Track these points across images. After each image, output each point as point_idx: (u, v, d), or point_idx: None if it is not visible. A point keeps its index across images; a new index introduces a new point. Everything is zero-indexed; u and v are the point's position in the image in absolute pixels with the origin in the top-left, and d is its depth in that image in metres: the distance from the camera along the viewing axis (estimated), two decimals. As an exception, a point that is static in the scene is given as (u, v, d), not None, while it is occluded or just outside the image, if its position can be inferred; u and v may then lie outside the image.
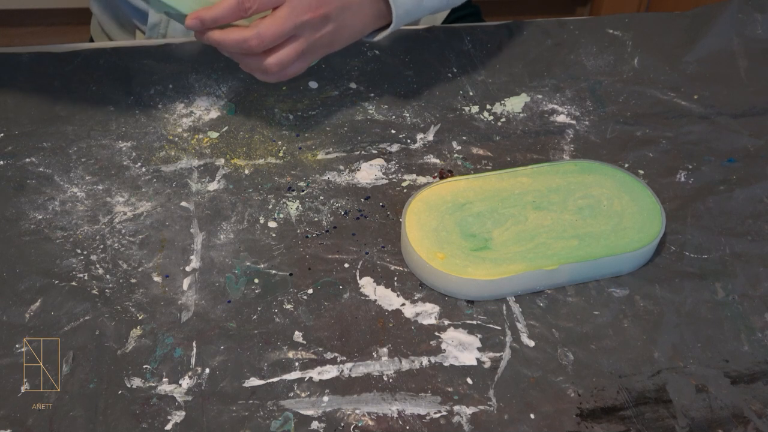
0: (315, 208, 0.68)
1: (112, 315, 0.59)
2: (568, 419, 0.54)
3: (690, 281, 0.62)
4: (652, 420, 0.54)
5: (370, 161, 0.72)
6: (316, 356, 0.57)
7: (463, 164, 0.73)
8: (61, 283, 0.60)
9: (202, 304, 0.60)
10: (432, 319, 0.60)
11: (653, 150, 0.74)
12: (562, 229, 0.63)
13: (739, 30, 0.87)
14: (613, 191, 0.66)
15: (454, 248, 0.61)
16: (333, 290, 0.61)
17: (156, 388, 0.55)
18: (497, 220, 0.63)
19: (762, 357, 0.58)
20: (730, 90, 0.82)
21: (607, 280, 0.62)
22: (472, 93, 0.81)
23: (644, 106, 0.80)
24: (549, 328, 0.59)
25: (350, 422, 0.53)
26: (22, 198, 0.67)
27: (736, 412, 0.54)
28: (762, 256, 0.65)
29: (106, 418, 0.53)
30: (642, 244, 0.62)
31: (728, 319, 0.60)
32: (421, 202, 0.65)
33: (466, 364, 0.57)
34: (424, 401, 0.54)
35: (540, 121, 0.78)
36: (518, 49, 0.86)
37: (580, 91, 0.81)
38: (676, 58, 0.85)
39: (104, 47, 0.82)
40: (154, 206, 0.67)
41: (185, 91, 0.78)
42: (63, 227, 0.65)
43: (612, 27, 0.89)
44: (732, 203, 0.69)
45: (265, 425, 0.53)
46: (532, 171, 0.68)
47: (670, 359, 0.57)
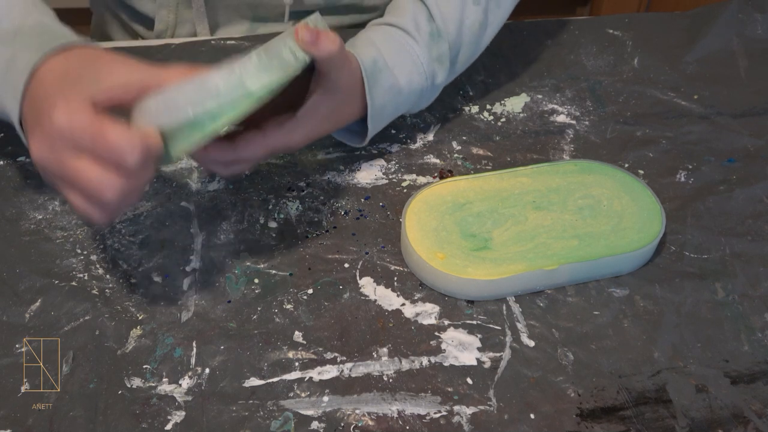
0: (315, 208, 0.68)
1: (112, 315, 0.59)
2: (568, 419, 0.54)
3: (690, 281, 0.62)
4: (652, 420, 0.54)
5: (370, 161, 0.72)
6: (316, 356, 0.57)
7: (463, 164, 0.73)
8: (61, 283, 0.60)
9: (202, 304, 0.60)
10: (432, 319, 0.60)
11: (653, 150, 0.74)
12: (562, 229, 0.63)
13: (739, 30, 0.87)
14: (613, 191, 0.66)
15: (454, 248, 0.61)
16: (333, 290, 0.61)
17: (156, 388, 0.55)
18: (497, 220, 0.63)
19: (762, 357, 0.58)
20: (730, 90, 0.82)
21: (607, 280, 0.62)
22: (472, 93, 0.81)
23: (644, 106, 0.80)
24: (549, 328, 0.59)
25: (350, 422, 0.53)
26: (22, 198, 0.67)
27: (736, 412, 0.54)
28: (762, 256, 0.65)
29: (106, 418, 0.53)
30: (642, 244, 0.62)
31: (728, 319, 0.60)
32: (421, 202, 0.65)
33: (466, 364, 0.57)
34: (424, 401, 0.54)
35: (540, 121, 0.78)
36: (518, 49, 0.86)
37: (580, 91, 0.81)
38: (676, 58, 0.85)
39: (104, 47, 0.82)
40: (154, 206, 0.67)
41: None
42: (63, 227, 0.65)
43: (612, 27, 0.89)
44: (732, 203, 0.69)
45: (265, 425, 0.53)
46: (532, 171, 0.68)
47: (670, 359, 0.57)
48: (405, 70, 0.67)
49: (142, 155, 0.48)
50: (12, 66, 0.53)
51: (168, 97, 0.51)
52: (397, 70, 0.66)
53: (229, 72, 0.52)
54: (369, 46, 0.66)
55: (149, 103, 0.52)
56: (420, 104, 0.72)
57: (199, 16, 0.84)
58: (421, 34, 0.68)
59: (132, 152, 0.48)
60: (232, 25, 0.87)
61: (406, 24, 0.67)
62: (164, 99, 0.51)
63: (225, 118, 0.52)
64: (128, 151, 0.48)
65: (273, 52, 0.54)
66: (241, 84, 0.52)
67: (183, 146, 0.52)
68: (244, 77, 0.52)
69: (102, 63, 0.52)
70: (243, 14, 0.86)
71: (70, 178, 0.50)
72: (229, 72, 0.52)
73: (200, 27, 0.85)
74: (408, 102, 0.69)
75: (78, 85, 0.50)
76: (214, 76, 0.52)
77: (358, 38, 0.68)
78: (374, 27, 0.69)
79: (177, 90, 0.51)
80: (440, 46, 0.69)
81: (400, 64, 0.66)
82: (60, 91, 0.50)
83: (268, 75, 0.53)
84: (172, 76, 0.52)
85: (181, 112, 0.51)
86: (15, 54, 0.54)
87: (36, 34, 0.55)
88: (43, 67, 0.52)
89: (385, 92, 0.66)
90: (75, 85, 0.50)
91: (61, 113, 0.48)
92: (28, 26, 0.55)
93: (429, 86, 0.70)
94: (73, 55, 0.53)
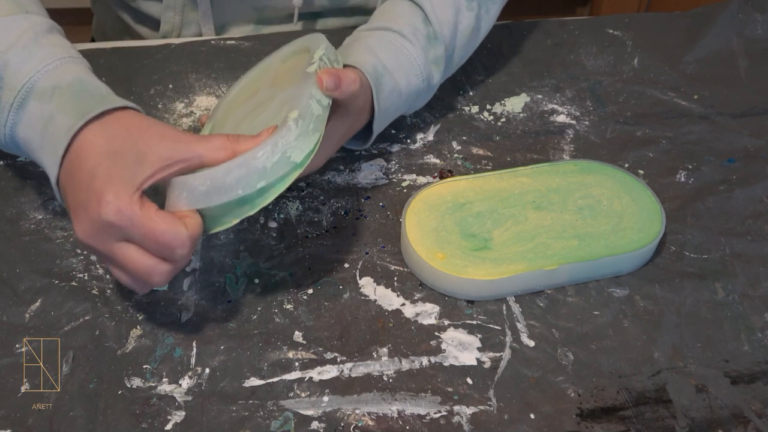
0: (315, 208, 0.68)
1: (112, 315, 0.59)
2: (568, 419, 0.54)
3: (690, 281, 0.62)
4: (652, 420, 0.54)
5: (370, 161, 0.72)
6: (316, 356, 0.57)
7: (463, 164, 0.73)
8: (61, 283, 0.60)
9: (202, 304, 0.60)
10: (432, 319, 0.60)
11: (653, 150, 0.74)
12: (562, 229, 0.63)
13: (739, 30, 0.87)
14: (613, 191, 0.66)
15: (454, 248, 0.61)
16: (333, 290, 0.61)
17: (156, 388, 0.55)
18: (497, 220, 0.63)
19: (762, 357, 0.58)
20: (730, 90, 0.82)
21: (607, 280, 0.62)
22: (472, 93, 0.81)
23: (644, 106, 0.80)
24: (549, 328, 0.59)
25: (350, 422, 0.53)
26: (22, 198, 0.67)
27: (736, 412, 0.54)
28: (762, 256, 0.65)
29: (106, 418, 0.53)
30: (642, 244, 0.62)
31: (728, 319, 0.60)
32: (421, 202, 0.65)
33: (466, 364, 0.57)
34: (424, 401, 0.54)
35: (540, 121, 0.78)
36: (518, 49, 0.86)
37: (580, 91, 0.81)
38: (676, 58, 0.85)
39: (104, 47, 0.82)
40: (154, 206, 0.67)
41: (185, 91, 0.78)
42: (63, 227, 0.65)
43: (612, 27, 0.89)
44: (732, 203, 0.69)
45: (265, 425, 0.53)
46: (532, 171, 0.68)
47: (670, 359, 0.57)
48: (403, 72, 0.67)
49: (191, 247, 0.51)
50: (51, 126, 0.54)
51: (216, 178, 0.52)
52: (396, 73, 0.67)
53: (272, 148, 0.52)
54: (368, 53, 0.66)
55: (194, 183, 0.52)
56: (417, 105, 0.73)
57: (205, 17, 0.84)
58: (418, 37, 0.68)
59: (182, 247, 0.50)
60: (237, 26, 0.87)
61: (403, 28, 0.68)
62: (212, 180, 0.52)
63: (274, 192, 0.53)
64: (178, 246, 0.50)
65: (305, 111, 0.54)
66: (286, 159, 0.53)
67: (229, 222, 0.54)
68: (288, 151, 0.53)
69: (143, 138, 0.52)
70: (249, 16, 0.86)
71: (118, 263, 0.52)
72: (272, 148, 0.52)
73: (206, 28, 0.85)
74: (407, 104, 0.70)
75: (122, 167, 0.51)
76: (259, 154, 0.52)
77: (354, 46, 0.68)
78: (369, 32, 0.69)
79: (224, 172, 0.52)
80: (437, 48, 0.70)
81: (398, 67, 0.67)
82: (105, 174, 0.50)
83: (307, 141, 0.54)
84: (212, 152, 0.52)
85: (231, 192, 0.52)
86: (53, 115, 0.54)
87: (74, 92, 0.55)
88: (82, 137, 0.53)
89: (387, 96, 0.66)
90: (119, 169, 0.51)
91: (110, 208, 0.49)
92: (66, 83, 0.55)
93: (425, 87, 0.70)
94: (113, 126, 0.53)
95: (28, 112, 0.55)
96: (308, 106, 0.54)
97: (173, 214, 0.51)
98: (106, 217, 0.49)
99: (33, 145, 0.56)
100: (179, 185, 0.52)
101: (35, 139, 0.55)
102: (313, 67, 0.57)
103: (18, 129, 0.56)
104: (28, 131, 0.56)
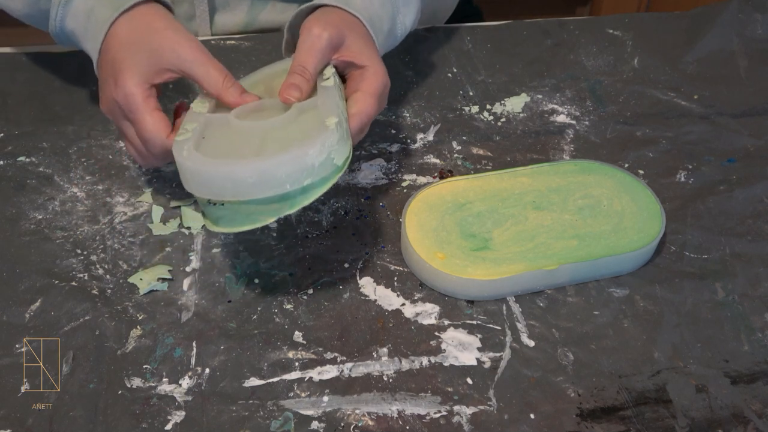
0: (315, 208, 0.68)
1: (112, 315, 0.59)
2: (568, 419, 0.54)
3: (690, 281, 0.62)
4: (652, 420, 0.54)
5: (370, 161, 0.72)
6: (316, 356, 0.57)
7: (463, 164, 0.73)
8: (61, 283, 0.60)
9: (202, 304, 0.60)
10: (432, 319, 0.60)
11: (653, 150, 0.74)
12: (562, 229, 0.63)
13: (739, 30, 0.87)
14: (613, 191, 0.66)
15: (454, 248, 0.61)
16: (333, 290, 0.61)
17: (156, 388, 0.55)
18: (497, 220, 0.63)
19: (762, 357, 0.58)
20: (730, 90, 0.82)
21: (607, 280, 0.62)
22: (472, 93, 0.81)
23: (644, 106, 0.80)
24: (549, 328, 0.59)
25: (350, 422, 0.53)
26: (22, 198, 0.67)
27: (736, 412, 0.54)
28: (762, 256, 0.65)
29: (106, 418, 0.53)
30: (642, 244, 0.62)
31: (728, 319, 0.60)
32: (421, 202, 0.65)
33: (466, 364, 0.57)
34: (424, 401, 0.54)
35: (540, 121, 0.78)
36: (518, 49, 0.86)
37: (580, 91, 0.81)
38: (676, 58, 0.85)
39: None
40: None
41: (185, 90, 0.78)
42: (63, 227, 0.65)
43: (612, 27, 0.89)
44: (732, 203, 0.69)
45: (265, 425, 0.53)
46: (532, 171, 0.68)
47: (670, 359, 0.57)
48: None
49: (162, 155, 0.60)
50: (92, 17, 0.62)
51: (265, 171, 0.51)
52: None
53: (320, 147, 0.53)
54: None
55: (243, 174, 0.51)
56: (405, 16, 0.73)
57: None
58: None
59: (154, 147, 0.59)
60: (231, 6, 0.86)
61: None
62: (260, 173, 0.51)
63: (316, 192, 0.54)
64: (152, 146, 0.59)
65: (342, 118, 0.55)
66: (330, 160, 0.53)
67: (265, 219, 0.54)
68: (332, 153, 0.53)
69: (157, 39, 0.59)
70: None
71: (120, 133, 0.63)
72: (320, 147, 0.53)
73: (200, 9, 0.84)
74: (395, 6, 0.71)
75: (137, 59, 0.59)
76: (310, 151, 0.52)
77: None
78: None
79: (275, 165, 0.51)
80: None
81: None
82: (123, 60, 0.59)
83: (346, 146, 0.55)
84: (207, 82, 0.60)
85: (278, 187, 0.52)
86: (94, 7, 0.62)
87: None
88: (113, 28, 0.60)
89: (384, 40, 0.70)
90: (134, 60, 0.59)
91: (120, 91, 0.58)
92: None
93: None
94: (137, 19, 0.60)
95: (74, 6, 0.64)
96: (342, 114, 0.56)
97: (166, 121, 0.59)
98: (116, 97, 0.59)
99: (78, 35, 0.65)
100: (225, 176, 0.52)
101: (79, 30, 0.64)
102: (329, 81, 0.60)
103: (66, 21, 0.65)
104: (73, 23, 0.64)
